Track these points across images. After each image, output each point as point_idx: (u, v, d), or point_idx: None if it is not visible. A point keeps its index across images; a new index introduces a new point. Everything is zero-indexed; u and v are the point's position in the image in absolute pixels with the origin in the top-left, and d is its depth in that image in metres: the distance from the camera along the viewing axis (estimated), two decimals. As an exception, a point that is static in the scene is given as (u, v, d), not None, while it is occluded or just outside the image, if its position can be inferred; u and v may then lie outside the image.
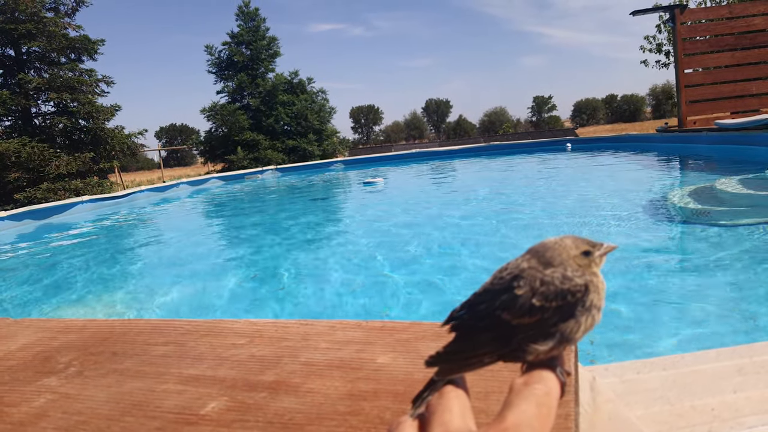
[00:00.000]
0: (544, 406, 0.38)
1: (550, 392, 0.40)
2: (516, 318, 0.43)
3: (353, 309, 3.03)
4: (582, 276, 0.44)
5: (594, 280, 0.45)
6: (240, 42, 20.34)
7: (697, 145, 10.07)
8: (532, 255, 0.46)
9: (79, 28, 14.07)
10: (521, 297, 0.43)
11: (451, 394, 0.41)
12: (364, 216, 6.86)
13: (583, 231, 4.23)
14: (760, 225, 3.78)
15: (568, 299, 0.43)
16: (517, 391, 0.39)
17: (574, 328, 0.43)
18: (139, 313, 3.36)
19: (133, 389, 0.70)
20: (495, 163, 13.27)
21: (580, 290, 0.43)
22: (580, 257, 0.46)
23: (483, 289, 0.47)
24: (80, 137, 14.09)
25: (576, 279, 0.44)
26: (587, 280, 0.44)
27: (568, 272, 0.44)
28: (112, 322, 0.99)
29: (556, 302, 0.43)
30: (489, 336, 0.44)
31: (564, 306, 0.43)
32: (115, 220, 8.60)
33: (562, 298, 0.43)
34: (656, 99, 54.72)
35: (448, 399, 0.40)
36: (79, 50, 14.11)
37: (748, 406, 0.69)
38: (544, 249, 0.46)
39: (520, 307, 0.43)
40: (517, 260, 0.47)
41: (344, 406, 0.61)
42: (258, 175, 15.65)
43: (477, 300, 0.46)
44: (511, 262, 0.47)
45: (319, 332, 0.84)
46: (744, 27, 11.45)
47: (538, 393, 0.39)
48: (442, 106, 67.35)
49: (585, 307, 0.44)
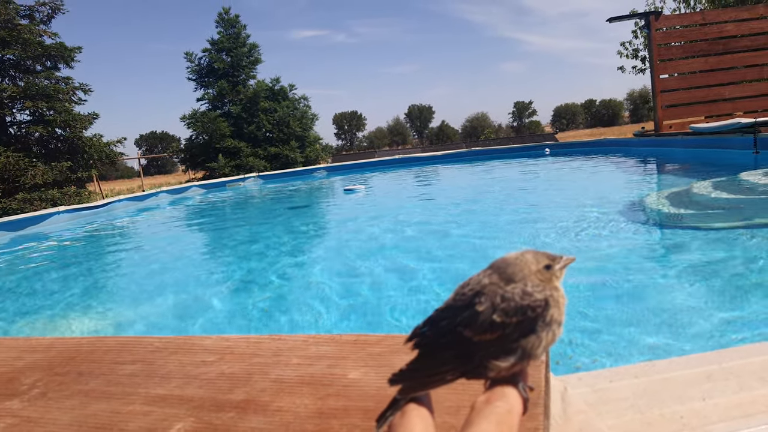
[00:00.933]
0: (505, 425, 0.38)
1: (511, 410, 0.39)
2: (477, 334, 0.43)
3: (330, 320, 3.02)
4: (542, 291, 0.44)
5: (554, 294, 0.45)
6: (220, 49, 20.21)
7: (673, 149, 10.26)
8: (494, 270, 0.46)
9: (56, 36, 13.88)
10: (482, 313, 0.43)
11: (413, 413, 0.41)
12: (344, 224, 6.84)
13: (559, 236, 4.26)
14: (734, 228, 3.85)
15: (528, 315, 0.43)
16: (478, 409, 0.39)
17: (535, 344, 0.43)
18: (111, 328, 3.30)
19: (97, 411, 0.69)
20: (477, 168, 13.35)
21: (540, 305, 0.44)
22: (541, 272, 0.46)
23: (445, 305, 0.46)
24: (57, 146, 13.87)
25: (536, 294, 0.44)
26: (547, 295, 0.44)
27: (529, 287, 0.44)
28: (80, 340, 0.97)
29: (516, 318, 0.43)
30: (451, 353, 0.43)
31: (525, 321, 0.43)
32: (92, 231, 8.46)
33: (523, 313, 0.43)
34: (634, 104, 55.59)
35: (410, 418, 0.40)
36: (56, 58, 13.90)
37: (716, 413, 0.69)
38: (506, 264, 0.46)
39: (481, 323, 0.43)
40: (478, 276, 0.47)
41: (313, 425, 0.60)
42: (240, 183, 15.54)
43: (439, 316, 0.46)
44: (473, 278, 0.47)
45: (291, 347, 0.83)
46: (717, 33, 11.70)
47: (500, 411, 0.39)
48: (425, 112, 67.66)
49: (545, 322, 0.44)
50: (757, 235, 3.63)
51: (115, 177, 40.92)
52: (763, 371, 0.79)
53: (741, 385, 0.75)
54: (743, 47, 11.75)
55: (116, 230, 8.52)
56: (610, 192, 6.89)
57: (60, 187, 13.33)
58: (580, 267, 3.35)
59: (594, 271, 3.25)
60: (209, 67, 20.27)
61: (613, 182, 8.07)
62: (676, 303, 2.70)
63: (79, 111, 14.21)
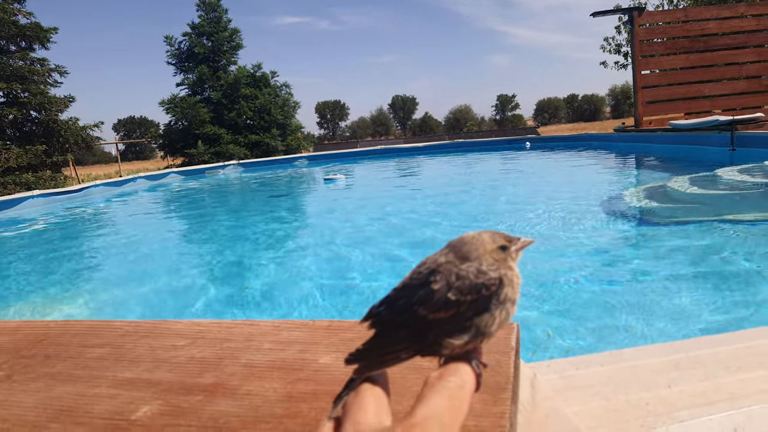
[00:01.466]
0: (456, 399, 0.38)
1: (463, 385, 0.40)
2: (432, 313, 0.43)
3: (306, 307, 3.02)
4: (497, 270, 0.45)
5: (509, 273, 0.45)
6: (201, 33, 19.90)
7: (652, 145, 10.40)
8: (450, 249, 0.47)
9: (30, 15, 13.53)
10: (437, 292, 0.43)
11: (367, 392, 0.41)
12: (323, 214, 6.83)
13: (531, 225, 4.31)
14: (709, 222, 3.93)
15: (482, 293, 0.43)
16: (431, 384, 0.39)
17: (488, 322, 0.44)
18: (82, 312, 3.26)
19: (63, 394, 0.68)
20: (458, 160, 13.40)
21: (495, 284, 0.44)
22: (496, 251, 0.46)
23: (402, 284, 0.47)
24: (32, 129, 13.56)
25: (490, 273, 0.44)
26: (502, 274, 0.45)
27: (483, 266, 0.44)
28: (48, 323, 0.95)
29: (470, 296, 0.43)
30: (406, 332, 0.43)
31: (478, 300, 0.43)
32: (67, 216, 8.31)
33: (477, 291, 0.43)
34: (615, 99, 56.14)
35: (364, 397, 0.40)
36: (30, 38, 13.55)
37: (681, 401, 0.71)
38: (462, 243, 0.47)
39: (436, 301, 0.43)
40: (435, 255, 0.47)
41: (282, 409, 0.60)
42: (219, 171, 15.38)
43: (396, 295, 0.46)
44: (429, 257, 0.47)
45: (264, 332, 0.83)
46: (698, 30, 11.85)
47: (451, 386, 0.39)
48: (408, 103, 67.49)
49: (499, 300, 0.44)
50: (727, 230, 3.71)
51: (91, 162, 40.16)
52: (729, 360, 0.80)
53: (707, 374, 0.77)
54: (723, 45, 11.94)
55: (92, 216, 8.38)
56: (586, 185, 6.98)
57: (35, 170, 13.07)
58: (549, 254, 3.40)
59: (562, 260, 3.29)
60: (189, 51, 19.95)
61: (592, 176, 8.17)
62: (646, 294, 2.75)
63: (55, 93, 13.92)
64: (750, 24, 11.62)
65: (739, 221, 3.88)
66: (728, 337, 0.90)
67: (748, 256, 3.14)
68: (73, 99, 14.19)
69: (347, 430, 0.36)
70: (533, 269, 3.20)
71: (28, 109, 13.19)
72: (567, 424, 0.64)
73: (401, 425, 0.34)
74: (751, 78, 11.92)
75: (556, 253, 3.54)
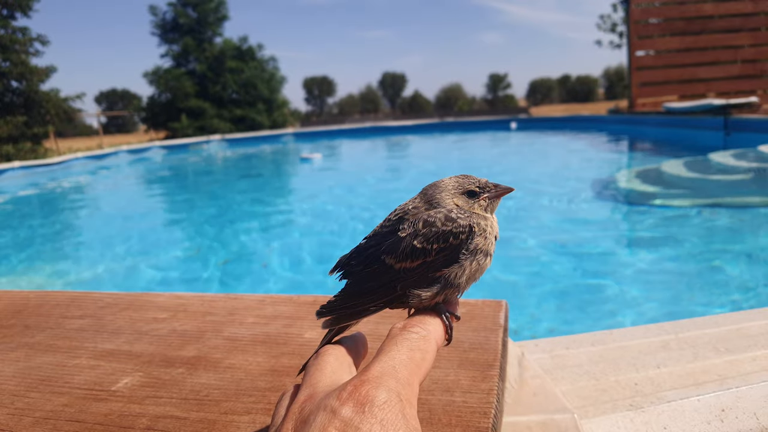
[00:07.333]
0: (418, 351, 0.36)
1: (427, 336, 0.37)
2: (399, 262, 0.41)
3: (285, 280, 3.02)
4: (467, 218, 0.42)
5: (481, 223, 0.42)
6: (186, 3, 19.47)
7: (645, 127, 10.42)
8: (421, 196, 0.44)
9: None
10: (404, 240, 0.41)
11: (327, 351, 0.39)
12: (298, 191, 6.84)
13: (516, 201, 4.32)
14: (701, 206, 3.95)
15: (450, 242, 0.41)
16: (392, 335, 0.37)
17: (458, 273, 0.41)
18: (60, 285, 3.22)
19: (42, 364, 0.66)
20: (447, 138, 13.36)
21: (464, 232, 0.41)
22: (460, 197, 0.44)
23: (373, 232, 0.45)
24: (12, 99, 13.25)
25: (460, 221, 0.41)
26: (472, 222, 0.41)
27: (453, 213, 0.42)
28: (27, 293, 0.93)
29: (438, 245, 0.41)
30: (375, 284, 0.42)
31: (447, 249, 0.41)
32: (47, 188, 8.18)
33: (445, 240, 0.41)
34: (609, 81, 56.08)
35: (324, 357, 0.38)
36: (11, 6, 13.14)
37: (669, 381, 0.70)
38: (433, 189, 0.44)
39: (402, 250, 0.41)
40: (407, 202, 0.45)
41: (265, 382, 0.58)
42: (204, 145, 15.20)
43: (366, 245, 0.44)
44: (402, 204, 0.45)
45: (247, 306, 0.81)
46: (694, 12, 11.79)
47: (413, 337, 0.36)
48: (398, 80, 66.88)
49: (469, 250, 0.41)
50: (716, 213, 3.75)
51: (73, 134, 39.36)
52: (718, 342, 0.80)
53: (696, 355, 0.77)
54: (720, 28, 11.90)
55: (73, 189, 8.25)
56: (577, 166, 6.99)
57: (15, 142, 12.80)
58: (542, 233, 3.41)
59: (553, 237, 3.31)
60: (174, 22, 19.54)
61: (584, 157, 8.19)
62: (632, 271, 2.77)
63: (36, 63, 13.55)
64: (746, 7, 11.60)
65: (731, 205, 3.91)
66: (717, 319, 0.90)
67: (739, 240, 3.18)
68: (54, 69, 13.85)
69: (303, 393, 0.34)
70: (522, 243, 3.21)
71: (9, 78, 12.87)
72: (555, 403, 0.63)
73: (351, 382, 0.32)
74: (746, 62, 11.93)
75: (532, 232, 3.56)
